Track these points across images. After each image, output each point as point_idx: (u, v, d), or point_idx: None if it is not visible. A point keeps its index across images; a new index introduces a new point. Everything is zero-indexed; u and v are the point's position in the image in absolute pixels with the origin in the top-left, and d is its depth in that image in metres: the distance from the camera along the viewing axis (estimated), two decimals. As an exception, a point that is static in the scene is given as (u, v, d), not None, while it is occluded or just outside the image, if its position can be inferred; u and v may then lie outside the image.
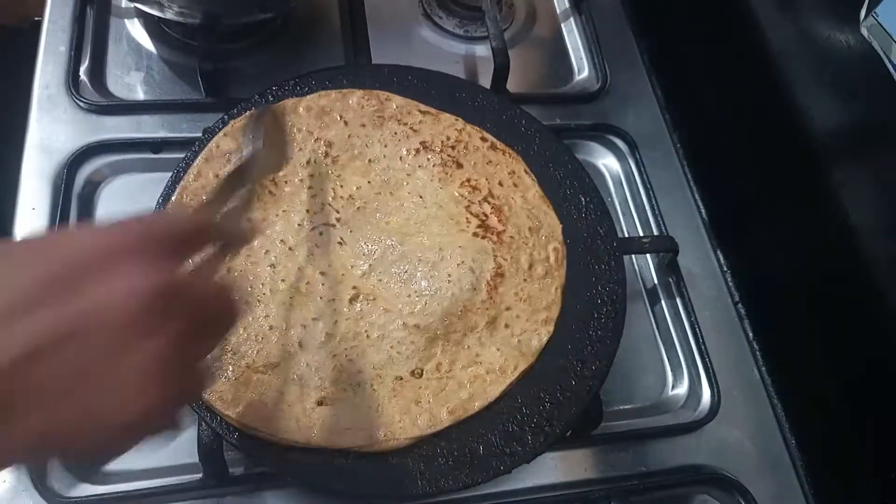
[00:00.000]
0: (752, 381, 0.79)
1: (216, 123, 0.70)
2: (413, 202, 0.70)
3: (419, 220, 0.69)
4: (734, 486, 0.71)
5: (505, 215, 0.70)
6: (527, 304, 0.67)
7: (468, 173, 0.72)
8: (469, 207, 0.70)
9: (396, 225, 0.68)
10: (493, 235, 0.69)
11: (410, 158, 0.72)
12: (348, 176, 0.70)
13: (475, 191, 0.71)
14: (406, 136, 0.72)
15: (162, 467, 0.64)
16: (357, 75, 0.76)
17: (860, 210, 0.71)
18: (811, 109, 0.75)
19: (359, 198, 0.69)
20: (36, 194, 0.74)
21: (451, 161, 0.72)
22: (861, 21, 0.66)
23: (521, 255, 0.68)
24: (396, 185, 0.70)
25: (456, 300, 0.65)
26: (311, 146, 0.70)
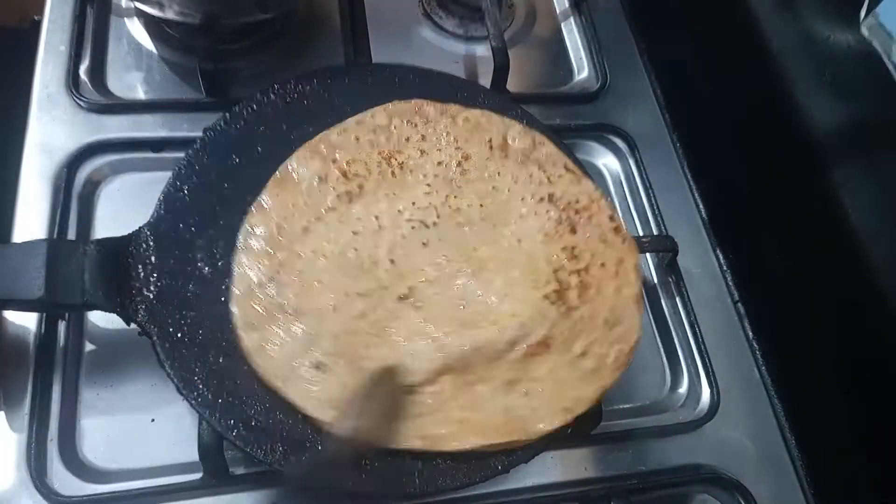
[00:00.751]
0: (751, 381, 0.79)
1: (217, 122, 0.70)
2: (509, 242, 0.68)
3: (504, 260, 0.67)
4: (734, 485, 0.71)
5: (588, 296, 0.66)
6: (556, 385, 0.63)
7: (577, 241, 0.69)
8: (557, 272, 0.67)
9: (482, 255, 0.67)
10: (563, 307, 0.65)
11: (532, 203, 0.70)
12: (467, 191, 0.70)
13: (574, 259, 0.68)
14: (539, 183, 0.71)
15: (162, 467, 0.64)
16: (358, 74, 0.76)
17: (860, 210, 0.71)
18: (811, 109, 0.75)
19: (464, 215, 0.69)
20: (36, 193, 0.74)
21: (568, 223, 0.69)
22: (861, 21, 0.66)
23: (579, 339, 0.64)
24: (504, 220, 0.69)
25: (489, 345, 0.63)
26: (450, 152, 0.71)
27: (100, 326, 0.69)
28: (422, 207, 0.69)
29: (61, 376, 0.66)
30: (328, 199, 0.67)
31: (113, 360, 0.68)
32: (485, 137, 0.73)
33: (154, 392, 0.67)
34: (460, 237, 0.68)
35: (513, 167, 0.72)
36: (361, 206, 0.68)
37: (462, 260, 0.67)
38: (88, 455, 0.64)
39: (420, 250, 0.67)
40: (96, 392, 0.67)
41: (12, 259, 0.59)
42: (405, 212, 0.68)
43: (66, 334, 0.68)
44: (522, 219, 0.70)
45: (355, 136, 0.71)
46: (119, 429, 0.65)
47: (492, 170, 0.72)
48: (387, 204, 0.68)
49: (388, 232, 0.67)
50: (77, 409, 0.66)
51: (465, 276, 0.66)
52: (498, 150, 0.72)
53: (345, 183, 0.69)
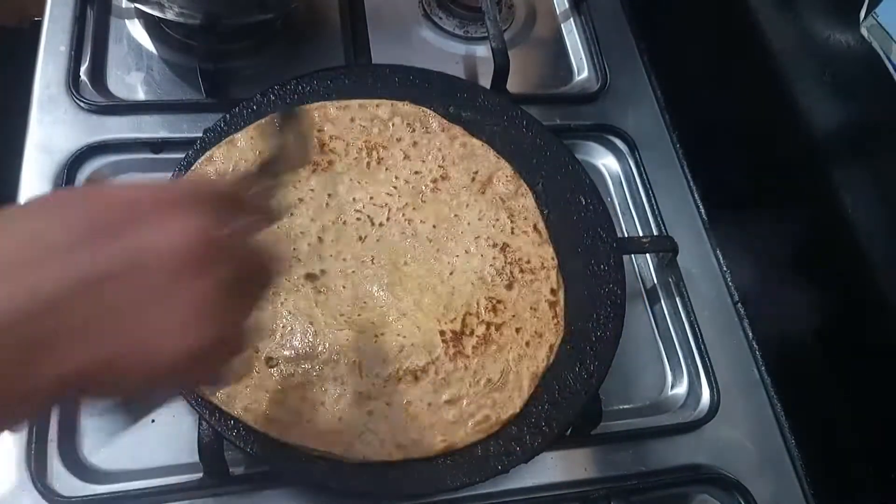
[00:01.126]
0: (751, 381, 0.79)
1: (217, 123, 0.70)
2: (441, 269, 0.68)
3: (425, 283, 0.67)
4: (734, 485, 0.71)
5: (486, 351, 0.65)
6: (405, 418, 0.61)
7: (505, 297, 0.67)
8: (468, 315, 0.66)
9: (408, 270, 0.67)
10: (453, 349, 0.64)
11: (484, 245, 0.69)
12: (429, 209, 0.70)
13: (491, 312, 0.66)
14: (501, 230, 0.71)
15: (162, 467, 0.64)
16: (359, 75, 0.77)
17: (860, 210, 0.71)
18: (811, 109, 0.75)
19: (414, 228, 0.69)
20: (36, 194, 0.73)
21: (507, 278, 0.68)
22: (861, 21, 0.66)
23: (451, 387, 0.63)
24: (449, 249, 0.69)
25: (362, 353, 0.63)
26: (432, 167, 0.72)
27: (100, 327, 0.69)
28: (377, 205, 0.69)
29: (61, 377, 0.66)
30: None
31: (113, 361, 0.68)
32: (472, 168, 0.73)
33: (154, 392, 0.67)
34: (398, 246, 0.68)
35: (484, 205, 0.71)
36: (320, 181, 0.69)
37: (387, 267, 0.67)
38: (88, 455, 0.64)
39: (352, 242, 0.67)
40: (96, 392, 0.67)
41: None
42: (359, 202, 0.69)
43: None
44: (467, 255, 0.69)
45: (352, 116, 0.73)
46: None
47: (462, 199, 0.72)
48: (346, 188, 0.69)
49: (332, 212, 0.68)
50: (77, 409, 0.66)
51: (379, 283, 0.66)
52: (478, 184, 0.72)
53: (318, 153, 0.69)
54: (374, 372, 0.61)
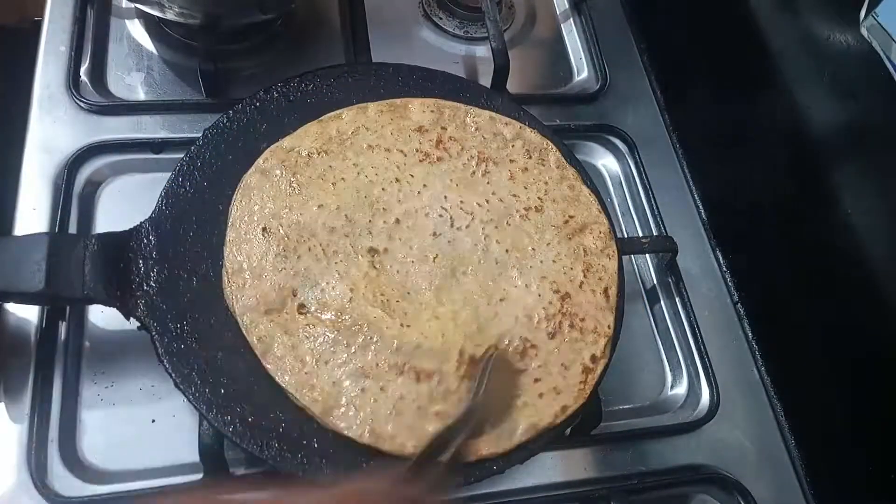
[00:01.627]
0: (751, 381, 0.79)
1: (219, 120, 0.70)
2: (496, 289, 0.67)
3: (478, 295, 0.66)
4: (734, 485, 0.71)
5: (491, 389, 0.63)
6: (397, 408, 0.61)
7: (544, 346, 0.65)
8: (510, 342, 0.65)
9: (465, 281, 0.67)
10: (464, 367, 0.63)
11: (539, 284, 0.67)
12: (510, 231, 0.69)
13: (524, 353, 0.65)
14: (576, 257, 0.69)
15: (162, 468, 0.64)
16: (361, 73, 0.77)
17: (860, 210, 0.71)
18: (811, 109, 0.75)
19: (487, 245, 0.68)
20: (36, 194, 0.74)
21: (558, 321, 0.66)
22: (861, 21, 0.66)
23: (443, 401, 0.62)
24: (509, 279, 0.67)
25: (381, 339, 0.62)
26: (533, 196, 0.72)
27: (100, 326, 0.70)
28: (464, 210, 0.69)
29: (62, 376, 0.66)
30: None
31: (113, 361, 0.68)
32: (570, 211, 0.71)
33: (154, 392, 0.67)
34: (464, 255, 0.67)
35: (565, 250, 0.69)
36: (422, 170, 0.71)
37: (444, 270, 0.66)
38: (89, 456, 0.64)
39: (425, 235, 0.68)
40: (97, 392, 0.67)
41: (13, 251, 0.60)
42: (448, 202, 0.69)
43: (66, 334, 0.68)
44: (525, 289, 0.66)
45: (477, 125, 0.74)
46: (119, 429, 0.65)
47: (547, 236, 0.69)
48: (442, 185, 0.70)
49: (420, 201, 0.69)
50: (77, 409, 0.66)
51: (430, 281, 0.66)
52: (569, 229, 0.70)
53: (433, 147, 0.72)
54: (384, 355, 0.62)
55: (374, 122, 0.73)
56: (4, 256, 0.59)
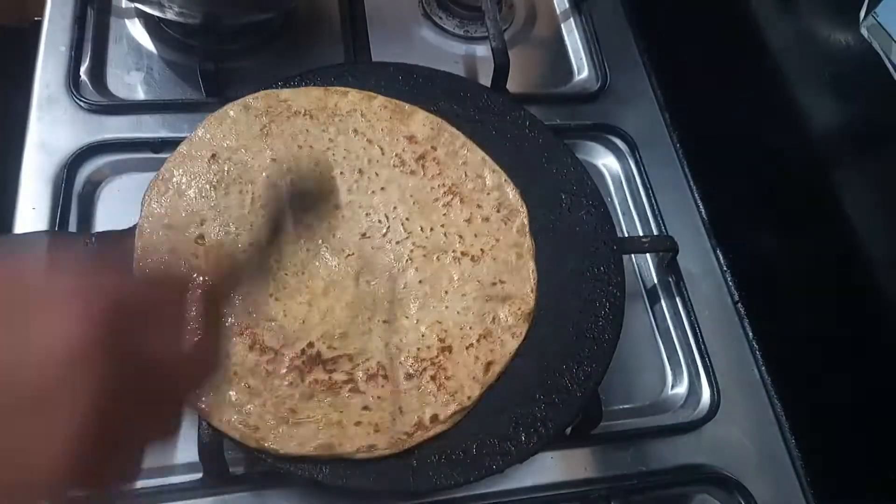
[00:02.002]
0: (751, 381, 0.79)
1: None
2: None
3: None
4: (734, 485, 0.71)
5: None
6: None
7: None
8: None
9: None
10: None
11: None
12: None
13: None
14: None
15: (162, 467, 0.64)
16: (362, 72, 0.77)
17: (860, 210, 0.71)
18: (811, 109, 0.75)
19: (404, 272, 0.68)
20: (36, 194, 0.74)
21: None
22: (861, 21, 0.66)
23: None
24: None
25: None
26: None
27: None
28: (406, 228, 0.69)
29: (61, 376, 0.66)
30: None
31: (113, 361, 0.68)
32: (504, 276, 0.68)
33: (154, 392, 0.67)
34: (380, 265, 0.67)
35: (476, 306, 0.66)
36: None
37: (352, 268, 0.66)
38: (88, 455, 0.64)
39: (352, 229, 0.68)
40: (96, 392, 0.67)
41: (12, 248, 0.59)
42: (396, 212, 0.69)
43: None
44: (413, 323, 0.66)
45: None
46: (119, 429, 0.65)
47: (465, 287, 0.67)
48: (398, 195, 0.70)
49: (365, 198, 0.69)
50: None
51: (329, 270, 0.66)
52: (489, 290, 0.67)
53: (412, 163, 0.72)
54: (237, 313, 0.61)
55: (373, 113, 0.73)
56: (3, 253, 0.59)
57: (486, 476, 0.60)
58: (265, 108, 0.70)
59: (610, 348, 0.67)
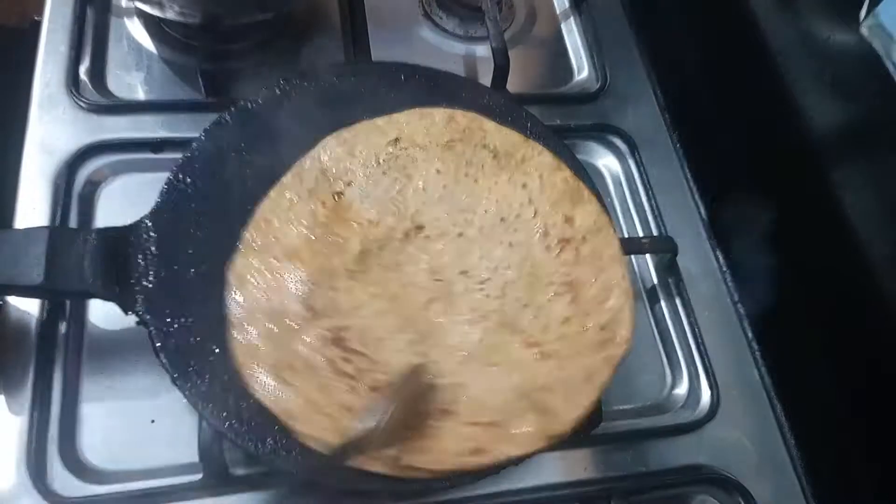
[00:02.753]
0: (751, 381, 0.79)
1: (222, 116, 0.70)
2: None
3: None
4: (734, 486, 0.71)
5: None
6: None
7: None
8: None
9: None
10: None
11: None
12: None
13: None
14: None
15: (162, 467, 0.64)
16: (364, 72, 0.77)
17: (860, 210, 0.71)
18: (811, 109, 0.75)
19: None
20: (36, 194, 0.74)
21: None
22: (861, 21, 0.66)
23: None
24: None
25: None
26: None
27: (100, 327, 0.69)
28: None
29: (62, 376, 0.66)
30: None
31: (113, 361, 0.68)
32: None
33: (154, 392, 0.67)
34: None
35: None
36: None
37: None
38: (88, 456, 0.64)
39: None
40: (97, 392, 0.67)
41: (13, 245, 0.59)
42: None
43: (66, 334, 0.68)
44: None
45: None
46: (119, 429, 0.65)
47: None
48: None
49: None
50: (77, 408, 0.66)
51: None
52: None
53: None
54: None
55: (551, 180, 0.72)
56: (4, 249, 0.59)
57: (483, 477, 0.60)
58: (465, 126, 0.73)
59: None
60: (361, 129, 0.72)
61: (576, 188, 0.72)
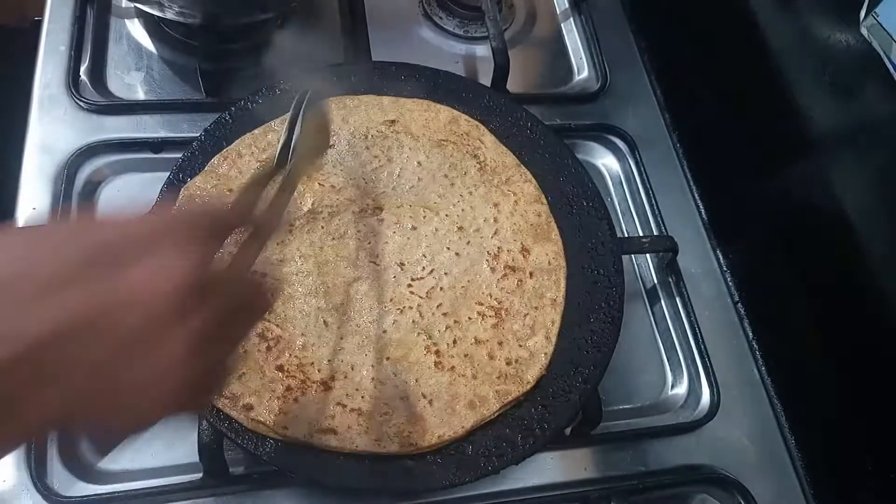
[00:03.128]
0: (752, 381, 0.79)
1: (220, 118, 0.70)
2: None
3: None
4: (734, 485, 0.71)
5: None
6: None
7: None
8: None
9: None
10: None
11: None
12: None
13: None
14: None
15: (162, 467, 0.64)
16: (365, 71, 0.77)
17: (860, 210, 0.71)
18: (811, 109, 0.75)
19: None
20: (36, 194, 0.74)
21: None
22: (861, 21, 0.66)
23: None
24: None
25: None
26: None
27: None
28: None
29: (61, 376, 0.66)
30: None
31: (113, 361, 0.68)
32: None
33: (154, 392, 0.67)
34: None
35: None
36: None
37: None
38: (88, 455, 0.64)
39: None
40: (96, 392, 0.67)
41: (15, 238, 0.59)
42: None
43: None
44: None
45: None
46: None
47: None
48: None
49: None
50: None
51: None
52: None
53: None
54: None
55: (522, 210, 0.72)
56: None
57: (482, 477, 0.60)
58: (465, 131, 0.75)
59: (607, 352, 0.66)
60: (364, 101, 0.74)
61: (546, 225, 0.71)
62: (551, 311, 0.67)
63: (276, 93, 0.73)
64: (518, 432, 0.62)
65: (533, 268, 0.69)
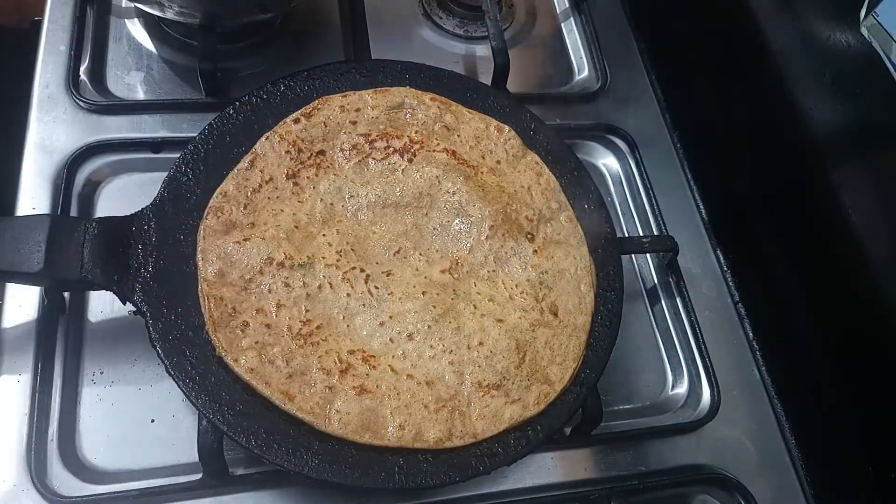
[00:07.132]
0: (752, 381, 0.79)
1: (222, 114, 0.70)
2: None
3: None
4: (734, 485, 0.71)
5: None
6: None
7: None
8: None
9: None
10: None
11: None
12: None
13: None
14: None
15: (162, 467, 0.64)
16: (369, 70, 0.77)
17: (860, 210, 0.71)
18: (811, 109, 0.75)
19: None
20: (36, 194, 0.74)
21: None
22: (861, 21, 0.66)
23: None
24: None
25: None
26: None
27: (100, 326, 0.69)
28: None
29: (61, 376, 0.66)
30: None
31: (113, 361, 0.68)
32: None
33: (154, 392, 0.67)
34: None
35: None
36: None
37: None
38: (88, 455, 0.64)
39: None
40: (96, 392, 0.67)
41: (14, 231, 0.60)
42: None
43: (66, 333, 0.68)
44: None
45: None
46: (119, 429, 0.65)
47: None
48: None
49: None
50: (77, 408, 0.66)
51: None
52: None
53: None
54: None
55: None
56: (5, 236, 0.59)
57: (473, 477, 0.60)
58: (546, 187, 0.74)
59: (604, 355, 0.66)
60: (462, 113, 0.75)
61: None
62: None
63: (280, 89, 0.73)
64: (511, 433, 0.62)
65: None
